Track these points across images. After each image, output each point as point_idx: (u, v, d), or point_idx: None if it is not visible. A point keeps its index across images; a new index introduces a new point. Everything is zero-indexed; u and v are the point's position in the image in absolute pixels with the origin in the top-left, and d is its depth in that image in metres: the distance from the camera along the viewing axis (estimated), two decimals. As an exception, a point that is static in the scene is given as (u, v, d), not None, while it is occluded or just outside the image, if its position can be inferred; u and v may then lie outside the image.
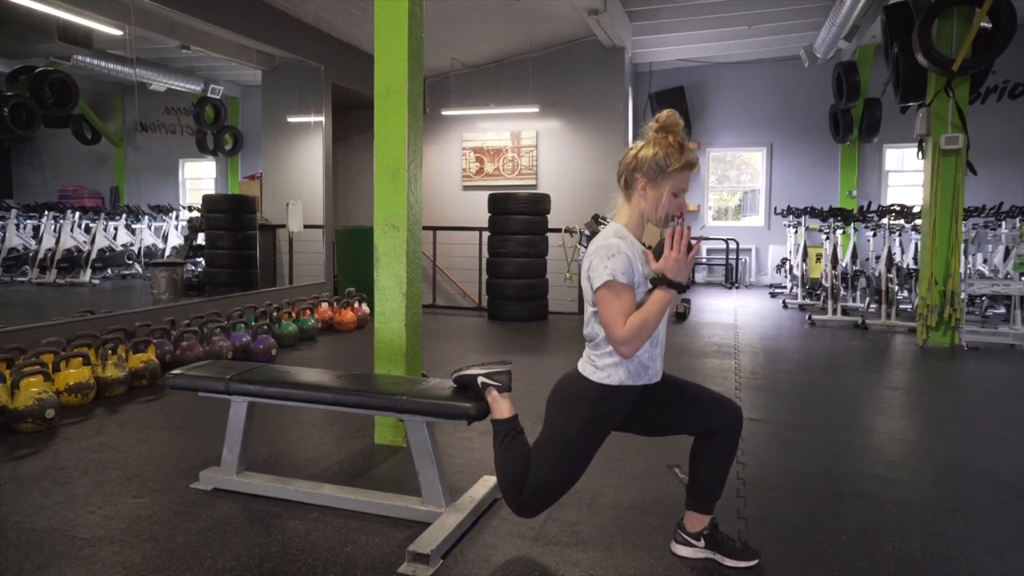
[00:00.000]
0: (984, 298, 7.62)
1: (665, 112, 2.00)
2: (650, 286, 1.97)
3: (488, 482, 2.63)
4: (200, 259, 8.27)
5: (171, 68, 8.15)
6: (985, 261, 8.36)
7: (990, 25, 5.76)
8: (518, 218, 7.42)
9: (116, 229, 8.89)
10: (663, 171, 1.96)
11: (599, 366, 2.02)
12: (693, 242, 1.94)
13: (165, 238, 9.39)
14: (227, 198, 8.44)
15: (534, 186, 9.31)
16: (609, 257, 1.92)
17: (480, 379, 2.27)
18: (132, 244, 9.04)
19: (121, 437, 3.34)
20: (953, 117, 5.86)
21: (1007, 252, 8.16)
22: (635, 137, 10.62)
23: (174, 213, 9.47)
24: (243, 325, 5.22)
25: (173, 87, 8.33)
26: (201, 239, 8.19)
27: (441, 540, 2.17)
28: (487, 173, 9.57)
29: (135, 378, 4.17)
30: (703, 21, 8.90)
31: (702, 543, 2.18)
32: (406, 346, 3.21)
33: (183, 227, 9.35)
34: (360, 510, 2.48)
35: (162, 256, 9.03)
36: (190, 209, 9.24)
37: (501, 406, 2.22)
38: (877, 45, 9.89)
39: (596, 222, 7.79)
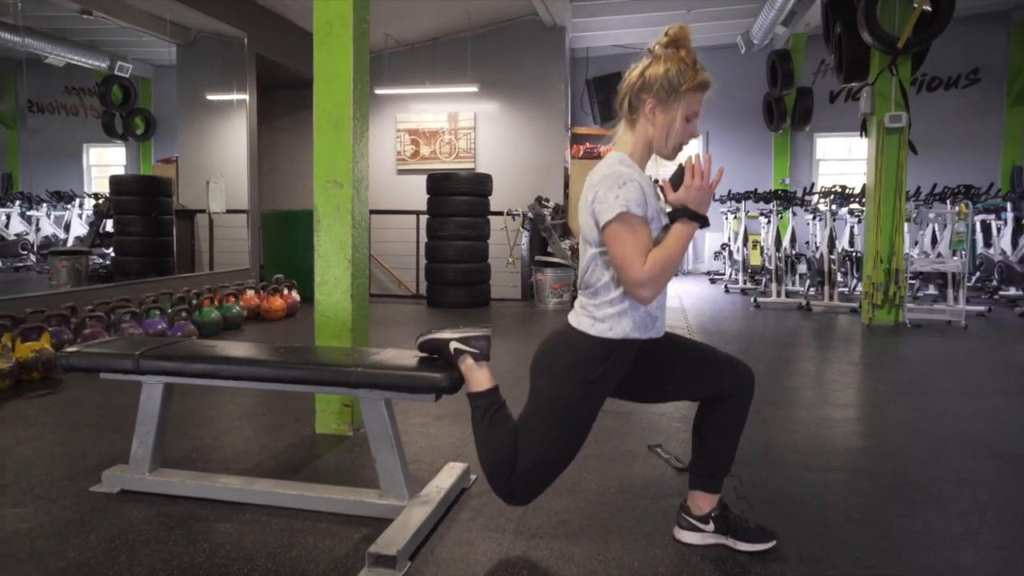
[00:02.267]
0: (919, 279, 7.78)
1: (676, 25, 1.72)
2: (666, 221, 1.67)
3: (455, 470, 2.27)
4: (107, 248, 7.49)
5: (70, 41, 7.31)
6: (916, 243, 8.58)
7: (930, 8, 5.82)
8: (459, 199, 7.04)
9: (8, 217, 7.97)
10: (675, 90, 1.67)
11: (599, 317, 1.70)
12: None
13: (67, 227, 8.50)
14: (139, 179, 7.70)
15: (472, 169, 8.93)
16: (620, 186, 1.61)
17: (453, 344, 1.90)
18: (27, 234, 8.13)
19: (1, 439, 2.79)
20: (896, 95, 5.88)
21: (934, 237, 8.40)
22: (574, 123, 10.49)
23: (77, 201, 8.60)
24: (158, 311, 4.64)
25: (73, 62, 7.48)
26: (109, 226, 7.42)
27: (408, 538, 1.80)
28: (423, 156, 9.13)
29: (24, 370, 3.56)
30: (641, 4, 8.77)
31: (711, 527, 1.89)
32: (352, 320, 2.81)
33: (88, 216, 8.49)
34: (305, 507, 2.08)
35: (64, 247, 8.15)
36: (96, 197, 8.39)
37: (478, 377, 1.87)
38: (810, 35, 10.06)
39: (540, 204, 7.51)
